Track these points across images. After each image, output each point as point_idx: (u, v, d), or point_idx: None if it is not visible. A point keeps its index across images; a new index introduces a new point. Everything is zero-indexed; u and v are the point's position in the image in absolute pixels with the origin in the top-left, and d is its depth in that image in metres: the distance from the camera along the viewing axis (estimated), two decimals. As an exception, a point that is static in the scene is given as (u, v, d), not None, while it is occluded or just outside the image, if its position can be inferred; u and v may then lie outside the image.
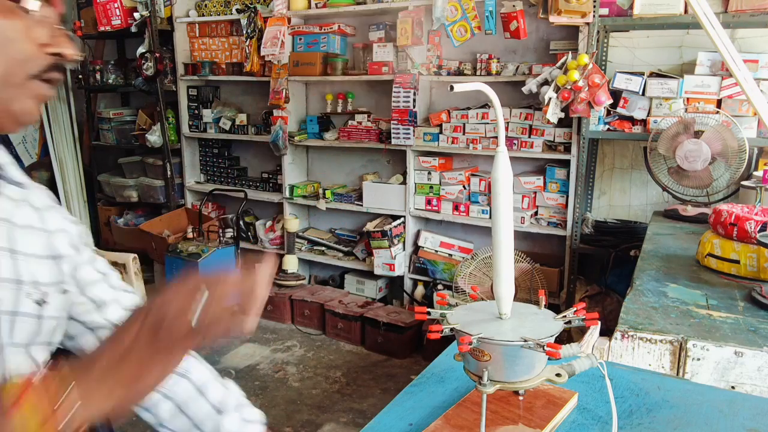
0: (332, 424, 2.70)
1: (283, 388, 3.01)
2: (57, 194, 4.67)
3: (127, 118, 4.76)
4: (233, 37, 4.15)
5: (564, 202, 3.21)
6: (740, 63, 2.05)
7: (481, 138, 3.32)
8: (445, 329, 0.74)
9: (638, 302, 1.49)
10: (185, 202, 4.51)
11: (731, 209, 1.75)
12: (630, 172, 3.25)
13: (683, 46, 2.99)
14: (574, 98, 2.83)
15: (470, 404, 0.85)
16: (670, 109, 2.76)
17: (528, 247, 3.46)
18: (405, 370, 3.22)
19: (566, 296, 3.18)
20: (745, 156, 2.44)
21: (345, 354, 3.42)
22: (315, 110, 4.08)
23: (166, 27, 4.26)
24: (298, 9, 3.73)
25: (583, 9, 2.77)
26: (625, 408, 0.88)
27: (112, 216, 4.79)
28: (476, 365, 0.74)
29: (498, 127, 0.75)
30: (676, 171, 2.57)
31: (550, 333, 0.72)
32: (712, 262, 1.74)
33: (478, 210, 3.42)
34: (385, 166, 3.92)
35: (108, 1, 4.20)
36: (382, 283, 3.86)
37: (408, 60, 3.43)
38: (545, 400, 0.85)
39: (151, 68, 4.15)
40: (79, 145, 4.81)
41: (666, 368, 1.28)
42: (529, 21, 3.09)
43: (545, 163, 3.31)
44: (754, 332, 1.29)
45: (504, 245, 0.77)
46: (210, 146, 4.49)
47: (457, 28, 3.22)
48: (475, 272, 3.06)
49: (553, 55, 3.19)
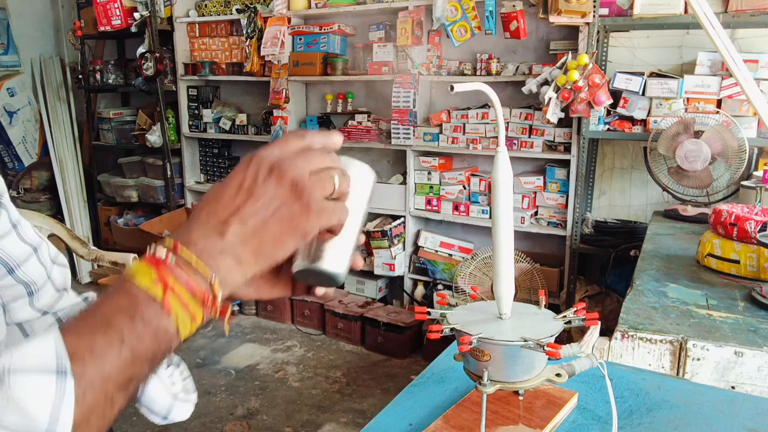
0: (332, 424, 2.70)
1: (283, 388, 3.01)
2: (57, 194, 4.67)
3: (127, 118, 4.77)
4: (233, 37, 4.15)
5: (564, 202, 3.21)
6: (740, 63, 2.05)
7: (481, 138, 3.32)
8: (445, 329, 0.74)
9: (638, 302, 1.49)
10: (185, 202, 4.51)
11: (731, 209, 1.75)
12: (630, 172, 3.25)
13: (683, 46, 2.99)
14: (574, 98, 2.83)
15: (470, 404, 0.85)
16: (670, 109, 2.76)
17: (528, 247, 3.46)
18: (405, 370, 3.22)
19: (566, 296, 3.18)
20: (745, 156, 2.44)
21: (345, 354, 3.42)
22: (315, 110, 4.08)
23: (166, 27, 4.26)
24: (298, 9, 3.73)
25: (583, 9, 2.77)
26: (625, 408, 0.88)
27: (112, 216, 4.79)
28: (476, 365, 0.74)
29: (498, 127, 0.75)
30: (676, 171, 2.57)
31: (550, 333, 0.72)
32: (712, 262, 1.74)
33: (478, 210, 3.42)
34: (385, 166, 3.92)
35: (108, 1, 4.20)
36: (382, 283, 3.86)
37: (408, 60, 3.44)
38: (545, 400, 0.85)
39: (151, 68, 4.15)
40: (79, 145, 4.81)
41: (666, 368, 1.28)
42: (529, 21, 3.09)
43: (545, 163, 3.31)
44: (754, 332, 1.29)
45: (504, 245, 0.77)
46: (210, 146, 4.49)
47: (457, 28, 3.22)
48: (475, 272, 3.06)
49: (553, 55, 3.19)
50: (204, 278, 0.47)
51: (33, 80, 4.82)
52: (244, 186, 0.50)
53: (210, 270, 0.47)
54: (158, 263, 0.46)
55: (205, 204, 0.51)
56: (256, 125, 4.17)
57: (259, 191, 0.49)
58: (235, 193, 0.50)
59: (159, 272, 0.46)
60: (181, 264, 0.46)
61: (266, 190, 0.49)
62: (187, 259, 0.47)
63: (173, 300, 0.46)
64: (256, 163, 0.50)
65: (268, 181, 0.50)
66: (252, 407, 2.82)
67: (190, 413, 0.80)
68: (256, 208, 0.49)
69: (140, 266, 0.47)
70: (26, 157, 4.83)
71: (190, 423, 2.69)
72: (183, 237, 0.48)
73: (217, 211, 0.49)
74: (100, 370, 0.42)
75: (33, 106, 4.83)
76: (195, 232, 0.49)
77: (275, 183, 0.49)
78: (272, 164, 0.50)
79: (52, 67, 4.79)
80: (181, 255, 0.47)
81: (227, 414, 2.77)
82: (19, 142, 4.80)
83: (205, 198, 0.52)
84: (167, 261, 0.46)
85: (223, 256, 0.48)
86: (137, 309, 0.45)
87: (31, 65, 4.79)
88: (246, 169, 0.50)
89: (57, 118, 4.70)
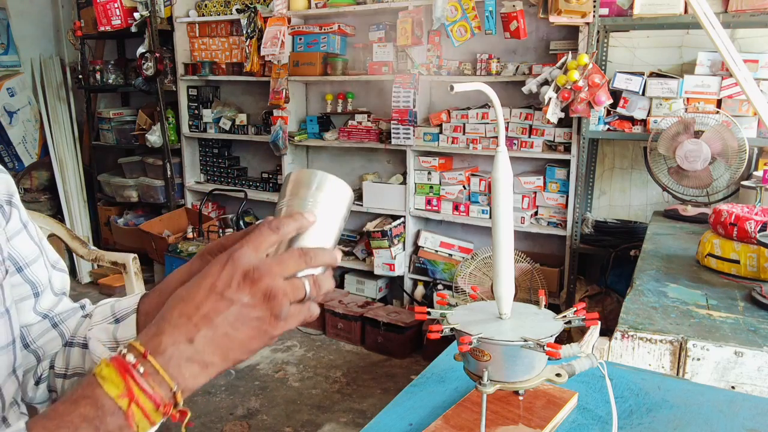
0: (332, 424, 2.70)
1: (283, 388, 3.01)
2: (57, 194, 4.67)
3: (127, 118, 4.77)
4: (233, 37, 4.15)
5: (564, 202, 3.21)
6: (740, 63, 2.05)
7: (481, 138, 3.32)
8: (445, 329, 0.74)
9: (638, 302, 1.49)
10: (185, 202, 4.51)
11: (731, 209, 1.75)
12: (630, 172, 3.25)
13: (683, 46, 2.99)
14: (574, 98, 2.83)
15: (470, 404, 0.85)
16: (670, 109, 2.76)
17: (528, 247, 3.46)
18: (405, 370, 3.22)
19: (566, 296, 3.18)
20: (745, 156, 2.44)
21: (345, 354, 3.42)
22: (315, 110, 4.08)
23: (166, 27, 4.26)
24: (298, 9, 3.73)
25: (583, 9, 2.77)
26: (625, 408, 0.88)
27: (112, 216, 4.79)
28: (476, 365, 0.74)
29: (498, 127, 0.75)
30: (676, 171, 2.57)
31: (550, 333, 0.72)
32: (712, 262, 1.74)
33: (478, 210, 3.42)
34: (385, 166, 3.92)
35: (108, 1, 4.20)
36: (382, 283, 3.86)
37: (408, 60, 3.44)
38: (545, 400, 0.85)
39: (151, 68, 4.15)
40: (79, 145, 4.81)
41: (666, 368, 1.28)
42: (529, 21, 3.09)
43: (545, 163, 3.31)
44: (754, 332, 1.29)
45: (504, 245, 0.77)
46: (210, 146, 4.49)
47: (457, 28, 3.22)
48: (475, 272, 3.06)
49: (553, 55, 3.19)
50: (169, 389, 0.50)
51: (33, 80, 4.82)
52: (217, 289, 0.51)
53: (174, 382, 0.50)
54: (127, 372, 0.49)
55: (178, 302, 0.53)
56: (256, 125, 4.17)
57: (232, 296, 0.51)
58: (207, 295, 0.51)
59: (126, 383, 0.49)
60: (147, 374, 0.49)
61: (239, 297, 0.51)
62: (155, 369, 0.50)
63: (137, 412, 0.49)
64: (231, 266, 0.52)
65: (242, 287, 0.51)
66: (252, 407, 2.82)
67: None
68: (227, 314, 0.51)
69: (110, 372, 0.49)
70: (26, 157, 4.83)
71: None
72: (153, 342, 0.51)
73: (189, 312, 0.51)
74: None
75: (33, 106, 4.83)
76: (165, 337, 0.51)
77: (248, 291, 0.51)
78: (246, 271, 0.52)
79: (52, 67, 4.79)
80: (150, 364, 0.50)
81: (227, 414, 2.77)
82: (19, 142, 4.79)
83: (179, 295, 0.53)
84: (136, 370, 0.49)
85: (190, 363, 0.51)
86: (103, 420, 0.48)
87: (31, 65, 4.79)
88: (221, 271, 0.52)
89: (57, 118, 4.70)
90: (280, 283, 0.52)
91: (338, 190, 0.60)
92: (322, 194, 0.59)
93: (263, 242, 0.54)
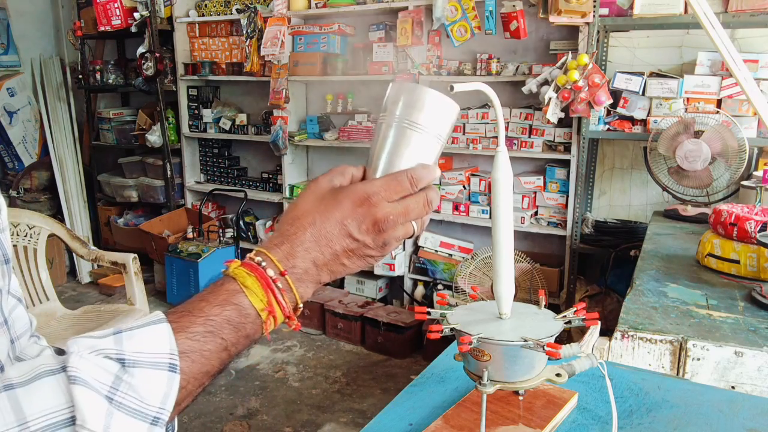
0: (332, 424, 2.70)
1: (283, 388, 3.01)
2: (57, 194, 4.67)
3: (127, 118, 4.77)
4: (233, 37, 4.15)
5: (564, 202, 3.21)
6: (740, 63, 2.05)
7: (481, 138, 3.32)
8: (445, 329, 0.74)
9: (638, 302, 1.49)
10: (185, 202, 4.51)
11: (731, 209, 1.75)
12: (630, 172, 3.25)
13: (683, 46, 2.99)
14: (574, 98, 2.83)
15: (470, 404, 0.85)
16: (670, 109, 2.76)
17: (528, 247, 3.46)
18: (405, 370, 3.22)
19: (566, 296, 3.18)
20: (745, 156, 2.44)
21: (345, 354, 3.42)
22: (315, 110, 4.08)
23: (166, 27, 4.26)
24: (298, 9, 3.73)
25: (583, 9, 2.77)
26: (625, 408, 0.88)
27: (112, 216, 4.79)
28: (476, 365, 0.74)
29: (498, 127, 0.75)
30: (676, 171, 2.57)
31: (550, 333, 0.72)
32: (712, 262, 1.74)
33: (478, 210, 3.42)
34: (385, 166, 3.92)
35: (108, 1, 4.20)
36: (382, 283, 3.86)
37: (408, 60, 3.44)
38: (545, 400, 0.85)
39: (151, 68, 4.15)
40: (79, 145, 4.81)
41: (666, 368, 1.28)
42: (529, 21, 3.09)
43: (545, 163, 3.31)
44: (754, 332, 1.29)
45: (504, 245, 0.77)
46: (210, 146, 4.49)
47: (457, 28, 3.22)
48: (475, 272, 3.06)
49: (553, 55, 3.19)
50: (296, 302, 0.58)
51: (33, 80, 4.81)
52: (348, 226, 0.59)
53: (301, 298, 0.59)
54: (269, 287, 0.56)
55: (310, 224, 0.59)
56: (256, 125, 4.17)
57: (358, 237, 0.59)
58: (338, 229, 0.59)
59: (269, 299, 0.56)
60: (284, 291, 0.57)
61: (363, 239, 0.60)
62: (289, 287, 0.57)
63: (271, 321, 0.57)
64: (366, 209, 0.59)
65: (369, 232, 0.60)
66: (252, 407, 2.82)
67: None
68: (349, 250, 0.60)
69: (254, 284, 0.56)
70: (26, 157, 4.83)
71: (190, 423, 2.69)
72: (288, 261, 0.58)
73: (319, 240, 0.59)
74: (204, 369, 0.53)
75: (33, 106, 4.83)
76: (299, 260, 0.58)
77: (372, 237, 0.60)
78: (377, 219, 0.59)
79: (52, 67, 4.79)
80: (286, 281, 0.57)
81: (227, 414, 2.77)
82: (19, 142, 4.79)
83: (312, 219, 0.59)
84: (276, 285, 0.56)
85: (311, 282, 0.60)
86: (244, 326, 0.55)
87: (31, 65, 4.79)
88: (354, 210, 0.59)
89: (57, 118, 4.70)
90: (399, 233, 0.61)
91: (447, 110, 0.64)
92: (432, 116, 0.63)
93: (399, 193, 0.60)
